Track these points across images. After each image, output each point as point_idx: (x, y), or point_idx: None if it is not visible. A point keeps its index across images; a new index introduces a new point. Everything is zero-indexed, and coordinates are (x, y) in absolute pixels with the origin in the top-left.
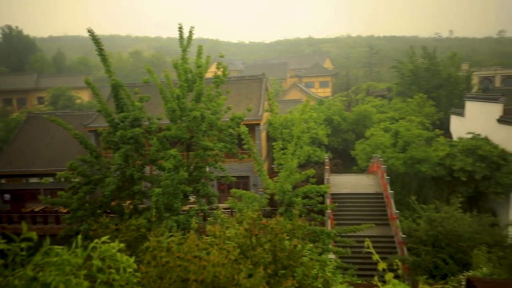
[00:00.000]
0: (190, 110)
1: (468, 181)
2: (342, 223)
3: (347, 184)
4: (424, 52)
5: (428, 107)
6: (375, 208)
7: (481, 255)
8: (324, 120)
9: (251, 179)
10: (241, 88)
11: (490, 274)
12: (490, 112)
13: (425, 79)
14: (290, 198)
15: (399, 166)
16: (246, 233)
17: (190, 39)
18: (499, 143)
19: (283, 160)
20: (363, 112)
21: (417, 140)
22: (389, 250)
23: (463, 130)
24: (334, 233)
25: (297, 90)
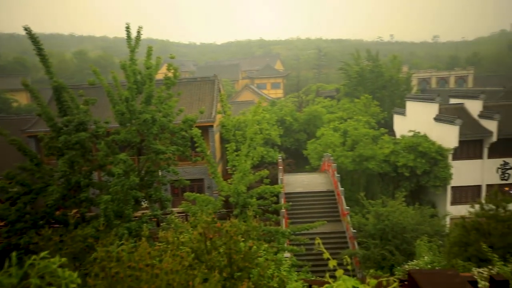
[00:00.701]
0: (140, 113)
1: (410, 176)
2: (296, 222)
3: (300, 183)
4: (368, 55)
5: (373, 107)
6: (327, 205)
7: (423, 244)
8: (277, 121)
9: (206, 181)
10: (193, 90)
11: (431, 262)
12: (427, 111)
13: (370, 81)
14: (244, 200)
15: (348, 164)
16: (200, 237)
17: (138, 39)
18: (436, 140)
19: (237, 162)
20: (313, 112)
21: (364, 138)
22: (341, 245)
23: (405, 128)
24: (289, 232)
25: (249, 91)
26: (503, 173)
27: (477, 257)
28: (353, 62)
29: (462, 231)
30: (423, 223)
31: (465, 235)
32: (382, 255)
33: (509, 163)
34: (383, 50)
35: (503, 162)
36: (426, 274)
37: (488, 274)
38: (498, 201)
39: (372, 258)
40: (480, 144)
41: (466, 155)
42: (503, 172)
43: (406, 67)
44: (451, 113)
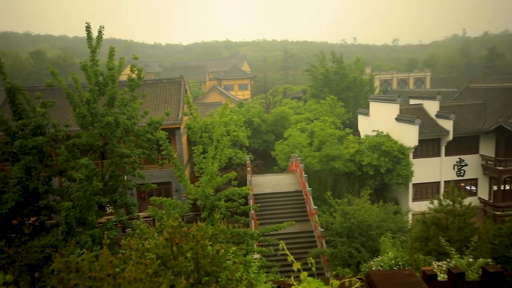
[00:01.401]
0: (102, 116)
1: (375, 174)
2: (265, 223)
3: (268, 184)
4: (333, 57)
5: (338, 107)
6: (296, 206)
7: (387, 241)
8: (245, 122)
9: (173, 184)
10: (159, 92)
11: (395, 258)
12: (389, 112)
13: (335, 82)
14: (212, 202)
15: (316, 164)
16: (166, 243)
17: (100, 39)
18: (398, 139)
19: (204, 164)
20: (281, 113)
21: (331, 139)
22: (309, 244)
23: (369, 128)
24: (258, 234)
25: (216, 93)
26: (459, 169)
27: (436, 251)
28: (318, 64)
29: (422, 227)
30: (387, 220)
31: (426, 230)
32: (349, 253)
33: (464, 160)
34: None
35: (459, 159)
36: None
37: (446, 267)
38: (455, 196)
39: (340, 256)
40: (438, 142)
41: (425, 153)
42: (459, 169)
43: (369, 69)
44: (411, 113)
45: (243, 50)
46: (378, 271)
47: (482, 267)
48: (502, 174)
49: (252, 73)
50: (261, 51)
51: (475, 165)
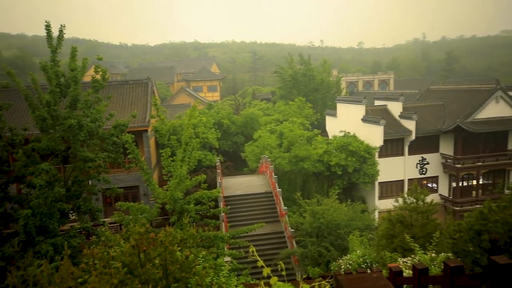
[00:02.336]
0: (64, 118)
1: (342, 174)
2: (236, 225)
3: (239, 185)
4: (301, 59)
5: (307, 109)
6: (266, 207)
7: (355, 239)
8: (214, 124)
9: (141, 189)
10: (125, 93)
11: (363, 255)
12: (356, 113)
13: (303, 84)
14: (181, 206)
15: (285, 165)
16: (133, 250)
17: (61, 38)
18: (364, 139)
19: (173, 168)
20: (250, 115)
21: (300, 139)
22: (280, 245)
23: (336, 129)
24: (228, 236)
25: (185, 94)
26: (421, 168)
27: (402, 248)
28: (287, 65)
29: (388, 224)
30: (355, 218)
31: (391, 227)
32: (319, 252)
33: (426, 158)
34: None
35: (421, 158)
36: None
37: (411, 263)
38: (418, 194)
39: (310, 256)
40: (401, 142)
41: (390, 153)
42: (421, 167)
43: (336, 71)
44: (376, 114)
45: (212, 52)
46: (347, 275)
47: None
48: (460, 172)
49: (221, 74)
50: (230, 52)
51: (436, 164)
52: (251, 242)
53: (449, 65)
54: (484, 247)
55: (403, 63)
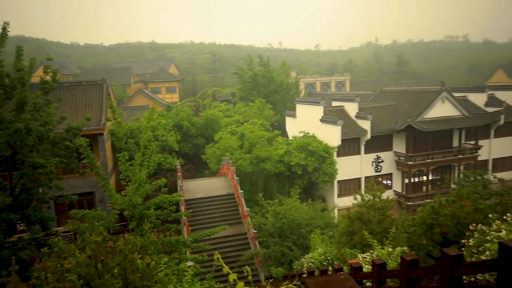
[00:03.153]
0: (10, 122)
1: (303, 173)
2: (198, 228)
3: (200, 188)
4: (260, 60)
5: (267, 110)
6: (228, 209)
7: (317, 237)
8: (173, 126)
9: (97, 195)
10: (78, 95)
11: (324, 253)
12: (314, 113)
13: (263, 85)
14: (141, 212)
15: (247, 166)
16: (89, 261)
17: (4, 36)
18: (323, 139)
19: (131, 172)
20: (210, 116)
21: (260, 140)
22: (243, 246)
23: (296, 130)
24: (190, 241)
25: (143, 96)
26: (377, 165)
27: (361, 244)
28: (246, 67)
29: (348, 222)
30: (315, 217)
31: (351, 225)
32: (282, 252)
33: (381, 157)
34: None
35: (376, 156)
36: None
37: (370, 259)
38: (375, 191)
39: (273, 256)
40: (358, 141)
41: (347, 152)
42: (376, 165)
43: (294, 73)
44: (333, 114)
45: (170, 52)
46: (315, 278)
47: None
48: (412, 168)
49: (180, 75)
50: (189, 53)
51: (390, 161)
52: (214, 245)
53: (399, 68)
54: (436, 240)
55: (358, 65)
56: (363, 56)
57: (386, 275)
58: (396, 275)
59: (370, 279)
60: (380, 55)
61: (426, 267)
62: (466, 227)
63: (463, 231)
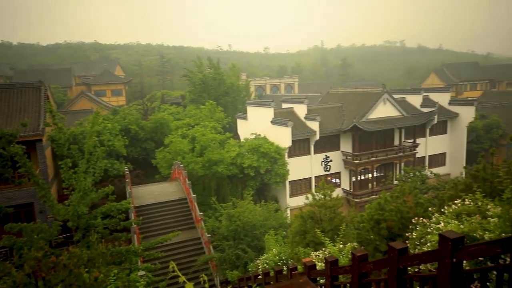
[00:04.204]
0: None
1: (255, 175)
2: (150, 236)
3: (151, 194)
4: (210, 62)
5: (218, 112)
6: (181, 214)
7: (271, 238)
8: (121, 131)
9: (36, 206)
10: (12, 99)
11: (279, 253)
12: (265, 115)
13: (213, 87)
14: (87, 222)
15: (199, 170)
16: (28, 279)
17: None
18: (274, 141)
19: (75, 180)
20: (160, 120)
21: (212, 143)
22: (197, 251)
23: (247, 132)
24: (141, 249)
25: (86, 99)
26: (326, 165)
27: (314, 242)
28: (196, 69)
29: (300, 221)
30: (269, 218)
31: (303, 224)
32: (236, 255)
33: (329, 156)
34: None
35: (325, 156)
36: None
37: (323, 256)
38: (325, 190)
39: (228, 259)
40: (307, 142)
41: (298, 153)
42: (325, 165)
43: (244, 75)
44: (284, 116)
45: (115, 54)
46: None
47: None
48: (358, 167)
49: (126, 78)
50: (135, 55)
51: (338, 160)
52: (167, 252)
53: (344, 70)
54: (382, 234)
55: (306, 68)
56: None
57: (339, 272)
58: (348, 270)
59: (324, 276)
60: (326, 59)
61: (375, 261)
62: (409, 221)
63: (407, 225)
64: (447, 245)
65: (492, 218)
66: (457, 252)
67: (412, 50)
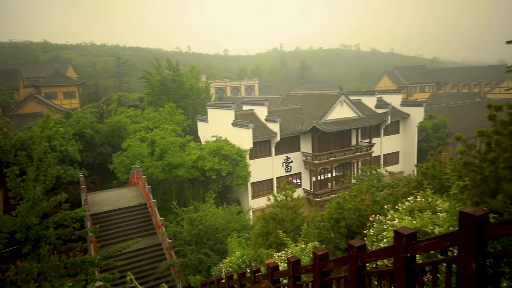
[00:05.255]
0: None
1: (217, 178)
2: (108, 244)
3: (108, 200)
4: (169, 64)
5: (178, 115)
6: (141, 220)
7: (234, 241)
8: (74, 135)
9: None
10: None
11: (242, 256)
12: (226, 117)
13: (172, 89)
14: (37, 233)
15: (159, 174)
16: None
17: None
18: (235, 143)
19: (23, 189)
20: (117, 123)
21: (172, 147)
22: (158, 258)
23: (208, 134)
24: (99, 259)
25: (35, 102)
26: (287, 166)
27: (276, 243)
28: (154, 71)
29: (263, 223)
30: (232, 220)
31: (265, 225)
32: (199, 259)
33: (290, 157)
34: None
35: (286, 157)
36: None
37: (285, 257)
38: (286, 191)
39: (190, 264)
40: (268, 143)
41: (259, 154)
42: (286, 165)
43: (204, 77)
44: (244, 118)
45: (67, 54)
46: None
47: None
48: (318, 167)
49: (80, 79)
50: (89, 55)
51: (298, 161)
52: (126, 260)
53: (303, 73)
54: (342, 232)
55: (265, 70)
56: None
57: (301, 271)
58: (310, 270)
59: (287, 276)
60: (285, 61)
61: (335, 260)
62: (366, 218)
63: (365, 223)
64: (402, 240)
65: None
66: (410, 247)
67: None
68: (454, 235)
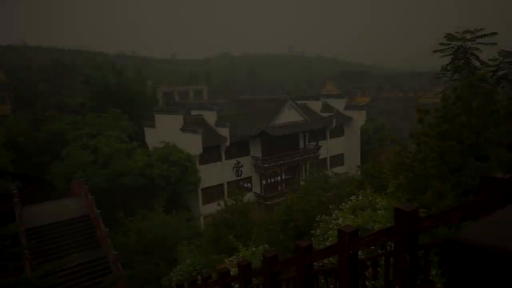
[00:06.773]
0: None
1: (166, 185)
2: (46, 260)
3: (46, 213)
4: (113, 68)
5: (123, 121)
6: (83, 232)
7: (184, 248)
8: (5, 144)
9: None
10: None
11: (192, 263)
12: (174, 123)
13: (117, 94)
14: None
15: (103, 183)
16: None
17: None
18: (184, 148)
19: None
20: (55, 130)
21: (117, 154)
22: (103, 272)
23: (156, 140)
24: (35, 278)
25: None
26: (237, 170)
27: (228, 248)
28: (97, 75)
29: (213, 228)
30: (182, 228)
31: (216, 231)
32: (148, 270)
33: (240, 162)
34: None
35: (236, 161)
36: None
37: (236, 261)
38: (236, 196)
39: (139, 276)
40: (218, 148)
41: (209, 159)
42: (237, 170)
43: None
44: (193, 123)
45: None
46: None
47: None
48: (268, 170)
49: (11, 83)
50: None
51: (248, 165)
52: (67, 277)
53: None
54: (291, 234)
55: (214, 74)
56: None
57: (252, 274)
58: (260, 272)
59: (238, 281)
60: (234, 66)
61: (284, 261)
62: (313, 219)
63: (312, 223)
64: (345, 238)
65: (380, 210)
66: (353, 244)
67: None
68: (390, 231)
